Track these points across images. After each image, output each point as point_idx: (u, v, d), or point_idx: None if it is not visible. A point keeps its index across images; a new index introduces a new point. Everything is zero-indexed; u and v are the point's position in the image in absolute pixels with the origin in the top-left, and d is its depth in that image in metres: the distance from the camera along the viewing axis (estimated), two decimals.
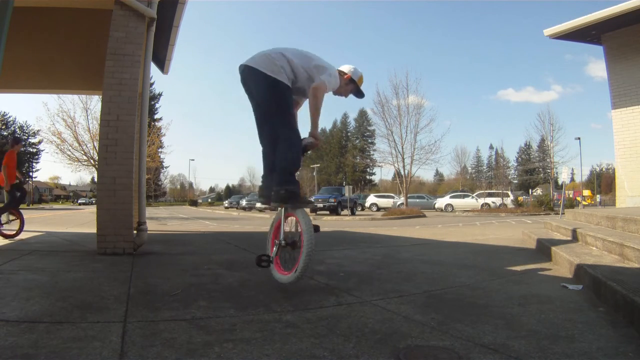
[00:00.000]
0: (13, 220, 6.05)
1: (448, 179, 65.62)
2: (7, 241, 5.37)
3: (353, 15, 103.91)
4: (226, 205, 36.24)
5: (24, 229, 6.09)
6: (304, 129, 2.96)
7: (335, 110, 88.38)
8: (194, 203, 51.21)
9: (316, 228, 2.58)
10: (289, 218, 2.80)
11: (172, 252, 4.75)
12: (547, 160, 37.78)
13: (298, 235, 2.67)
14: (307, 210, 2.92)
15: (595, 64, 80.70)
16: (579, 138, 32.55)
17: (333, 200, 18.98)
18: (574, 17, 8.65)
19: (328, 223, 12.23)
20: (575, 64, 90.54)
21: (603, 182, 60.54)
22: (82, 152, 20.75)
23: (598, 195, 41.31)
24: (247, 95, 3.02)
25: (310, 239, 2.50)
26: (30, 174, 45.47)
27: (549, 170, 40.92)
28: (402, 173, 21.59)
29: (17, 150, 6.31)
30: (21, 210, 6.26)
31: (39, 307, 2.14)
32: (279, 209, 2.85)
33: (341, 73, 3.11)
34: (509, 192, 26.29)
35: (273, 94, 2.83)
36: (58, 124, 20.36)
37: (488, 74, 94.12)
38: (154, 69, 7.19)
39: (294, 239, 2.72)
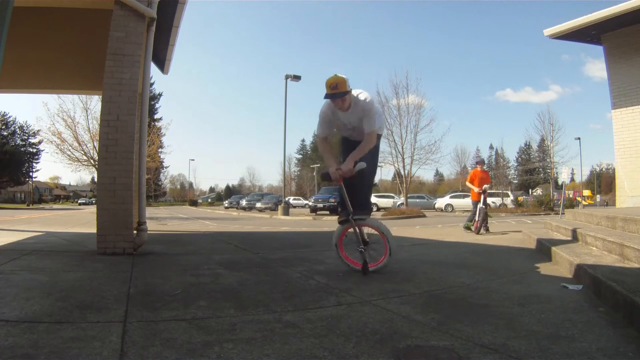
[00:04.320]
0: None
1: (448, 179, 65.48)
2: (7, 241, 5.36)
3: (352, 14, 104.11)
4: (226, 205, 36.15)
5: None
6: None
7: None
8: (194, 203, 51.11)
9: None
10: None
11: (172, 252, 4.75)
12: (547, 160, 37.82)
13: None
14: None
15: (592, 64, 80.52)
16: (578, 138, 32.72)
17: (333, 201, 18.95)
18: (573, 17, 8.66)
19: (328, 223, 12.23)
20: (573, 64, 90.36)
21: (603, 182, 60.51)
22: (82, 152, 20.62)
23: (598, 195, 41.31)
24: None
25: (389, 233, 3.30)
26: (30, 174, 45.34)
27: (549, 170, 40.96)
28: (402, 173, 21.58)
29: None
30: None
31: (39, 307, 2.14)
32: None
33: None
34: (509, 192, 26.29)
35: None
36: (58, 124, 20.18)
37: (487, 75, 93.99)
38: (154, 69, 7.19)
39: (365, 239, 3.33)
